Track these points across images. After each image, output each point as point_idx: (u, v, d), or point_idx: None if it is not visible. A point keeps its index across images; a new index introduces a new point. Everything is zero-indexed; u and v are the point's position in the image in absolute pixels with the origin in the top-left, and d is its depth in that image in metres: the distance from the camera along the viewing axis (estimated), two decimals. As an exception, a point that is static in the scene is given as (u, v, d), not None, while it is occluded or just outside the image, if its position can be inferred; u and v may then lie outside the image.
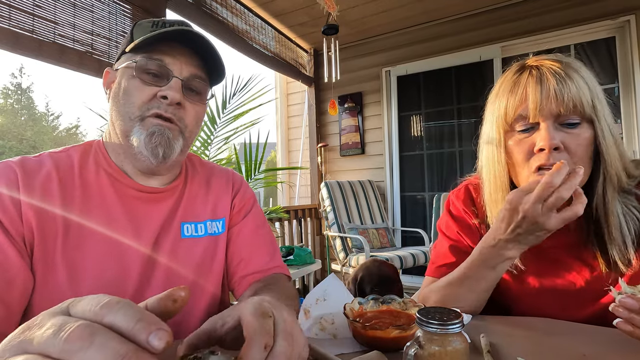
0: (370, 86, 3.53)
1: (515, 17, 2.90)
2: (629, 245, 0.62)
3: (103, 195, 0.62)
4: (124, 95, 0.61)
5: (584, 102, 0.59)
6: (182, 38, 0.62)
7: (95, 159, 0.65)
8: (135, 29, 0.65)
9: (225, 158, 2.67)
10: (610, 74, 2.68)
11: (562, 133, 0.60)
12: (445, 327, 0.38)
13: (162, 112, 0.61)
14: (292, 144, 4.12)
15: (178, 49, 0.63)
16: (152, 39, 0.60)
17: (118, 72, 0.64)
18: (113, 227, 0.60)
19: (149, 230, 0.64)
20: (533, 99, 0.60)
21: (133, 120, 0.60)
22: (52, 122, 21.07)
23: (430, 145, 3.33)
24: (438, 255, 0.79)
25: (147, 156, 0.60)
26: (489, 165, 0.70)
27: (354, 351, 0.52)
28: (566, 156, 0.60)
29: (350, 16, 3.05)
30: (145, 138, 0.60)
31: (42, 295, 0.54)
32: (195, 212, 0.70)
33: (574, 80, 0.59)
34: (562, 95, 0.58)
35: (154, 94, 0.61)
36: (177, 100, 0.61)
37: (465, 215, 0.78)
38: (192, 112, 0.65)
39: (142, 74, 0.61)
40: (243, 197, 0.78)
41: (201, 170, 0.77)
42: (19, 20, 1.49)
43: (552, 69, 0.61)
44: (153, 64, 0.61)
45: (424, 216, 3.35)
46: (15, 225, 0.53)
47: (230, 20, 2.66)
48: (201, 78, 0.65)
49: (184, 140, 0.64)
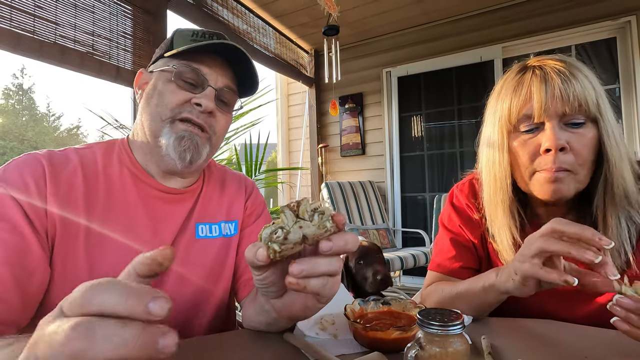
0: (371, 87, 3.53)
1: (516, 18, 2.90)
2: (627, 246, 0.61)
3: (126, 194, 0.63)
4: (158, 96, 0.63)
5: (589, 101, 0.58)
6: (221, 49, 0.65)
7: (119, 157, 0.66)
8: (176, 36, 0.67)
9: (226, 158, 2.67)
10: (611, 74, 2.67)
11: (567, 133, 0.59)
12: (446, 328, 0.38)
13: (194, 117, 0.63)
14: (292, 144, 4.12)
15: (215, 60, 0.65)
16: (194, 49, 0.62)
17: (153, 75, 0.66)
18: (134, 226, 0.61)
19: (168, 230, 0.65)
20: (538, 99, 0.59)
21: (164, 121, 0.62)
22: (54, 122, 21.11)
23: (431, 146, 3.33)
24: (440, 250, 0.79)
25: (174, 159, 0.62)
26: (489, 167, 0.70)
27: (355, 352, 0.52)
28: (571, 158, 0.59)
29: (351, 17, 3.06)
30: (174, 141, 0.61)
31: (61, 289, 0.55)
32: (210, 213, 0.72)
33: (579, 79, 0.58)
34: (568, 94, 0.57)
35: (188, 100, 0.63)
36: (210, 108, 0.63)
37: (467, 209, 0.78)
38: (222, 120, 0.68)
39: (179, 80, 0.63)
40: (255, 201, 0.80)
41: (216, 172, 0.78)
42: (20, 21, 1.49)
43: (556, 68, 0.60)
44: (191, 72, 0.63)
45: (425, 217, 3.35)
46: (40, 217, 0.54)
47: (231, 21, 2.66)
48: (233, 90, 0.68)
49: (210, 147, 0.66)
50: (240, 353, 0.52)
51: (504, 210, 0.68)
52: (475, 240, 0.76)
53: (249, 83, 0.71)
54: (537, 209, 0.71)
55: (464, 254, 0.76)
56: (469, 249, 0.76)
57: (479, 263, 0.77)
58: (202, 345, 0.56)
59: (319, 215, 0.36)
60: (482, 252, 0.76)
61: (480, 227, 0.75)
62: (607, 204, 0.61)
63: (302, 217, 0.37)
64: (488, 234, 0.74)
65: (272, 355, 0.51)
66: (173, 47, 0.65)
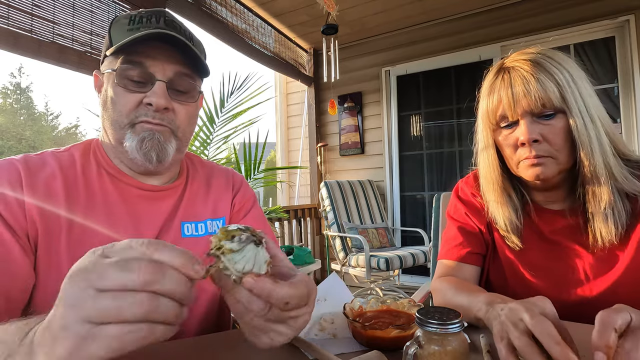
0: (370, 86, 3.53)
1: (514, 17, 2.90)
2: (623, 217, 0.65)
3: (105, 194, 0.62)
4: (111, 104, 0.60)
5: (552, 97, 0.64)
6: (162, 35, 0.59)
7: (95, 158, 0.65)
8: (113, 27, 0.62)
9: (225, 157, 2.67)
10: (609, 73, 2.68)
11: (540, 125, 0.66)
12: (444, 326, 0.38)
13: (150, 119, 0.60)
14: (291, 143, 4.12)
15: (158, 47, 0.60)
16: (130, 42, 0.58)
17: (104, 77, 0.63)
18: (115, 226, 0.61)
19: (150, 228, 0.64)
20: (506, 102, 0.68)
21: (124, 128, 0.60)
22: (52, 121, 21.04)
23: (430, 145, 3.33)
24: (447, 238, 0.83)
25: (141, 160, 0.61)
26: (481, 158, 0.78)
27: (354, 351, 0.52)
28: (546, 146, 0.66)
29: (349, 16, 3.05)
30: (136, 144, 0.60)
31: (46, 291, 0.55)
32: (196, 211, 0.70)
33: (539, 79, 0.65)
34: (530, 94, 0.65)
35: (140, 101, 0.60)
36: (162, 106, 0.60)
37: (473, 199, 0.83)
38: (182, 112, 0.64)
39: (124, 81, 0.59)
40: (243, 197, 0.78)
41: (201, 170, 0.77)
42: (18, 20, 1.49)
43: (522, 71, 0.67)
44: (134, 69, 0.59)
45: (424, 216, 3.36)
46: (19, 221, 0.53)
47: (230, 19, 2.66)
48: (187, 75, 0.63)
49: (177, 141, 0.64)
50: (240, 353, 0.52)
51: (496, 194, 0.75)
52: (482, 226, 0.80)
53: (201, 65, 0.64)
54: (536, 196, 0.76)
55: (471, 240, 0.80)
56: (476, 235, 0.80)
57: (486, 248, 0.81)
58: (201, 345, 0.56)
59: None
60: (489, 237, 0.80)
61: (485, 215, 0.80)
62: (589, 182, 0.66)
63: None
64: (493, 221, 0.78)
65: (271, 354, 0.51)
66: (112, 42, 0.60)
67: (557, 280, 0.71)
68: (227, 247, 0.35)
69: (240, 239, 0.36)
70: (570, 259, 0.71)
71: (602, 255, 0.68)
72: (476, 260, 0.79)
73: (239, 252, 0.35)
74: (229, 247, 0.35)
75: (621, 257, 0.67)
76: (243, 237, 0.36)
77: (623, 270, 0.66)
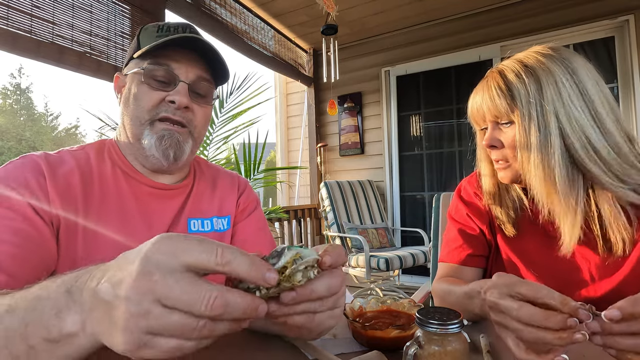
0: (370, 86, 3.53)
1: (514, 17, 2.90)
2: (620, 225, 0.63)
3: (119, 191, 0.65)
4: (134, 100, 0.64)
5: (500, 110, 0.68)
6: (188, 42, 0.65)
7: (110, 157, 0.68)
8: (142, 34, 0.68)
9: (225, 158, 2.67)
10: (609, 73, 2.68)
11: (500, 132, 0.70)
12: (444, 327, 0.38)
13: (171, 115, 0.64)
14: (291, 144, 4.12)
15: (183, 53, 0.65)
16: (161, 45, 0.63)
17: (127, 78, 0.67)
18: (128, 222, 0.63)
19: (160, 225, 0.67)
20: (470, 112, 0.76)
21: (143, 124, 0.64)
22: (51, 122, 21.05)
23: (430, 145, 3.34)
24: (448, 240, 0.83)
25: (158, 158, 0.64)
26: (478, 159, 0.81)
27: (354, 351, 0.52)
28: (504, 152, 0.70)
29: (349, 16, 3.05)
30: (155, 141, 0.63)
31: None
32: (202, 208, 0.73)
33: (494, 92, 0.68)
34: (482, 109, 0.71)
35: (162, 98, 0.64)
36: (184, 104, 0.64)
37: (475, 199, 0.82)
38: (200, 113, 0.68)
39: (150, 80, 0.64)
40: (247, 198, 0.81)
41: (207, 171, 0.80)
42: (18, 20, 1.49)
43: (489, 80, 0.70)
44: (160, 70, 0.64)
45: (424, 216, 3.36)
46: (45, 210, 0.56)
47: (230, 20, 2.66)
48: (206, 80, 0.68)
49: (193, 142, 0.68)
50: (239, 352, 0.52)
51: (493, 191, 0.78)
52: (484, 226, 0.80)
53: (221, 71, 0.70)
54: None
55: (472, 243, 0.79)
56: (477, 237, 0.80)
57: (488, 249, 0.80)
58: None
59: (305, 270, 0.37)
60: (491, 238, 0.80)
61: (487, 215, 0.80)
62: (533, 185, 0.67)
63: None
64: (496, 220, 0.78)
65: (270, 354, 0.51)
66: (140, 47, 0.65)
67: (560, 281, 0.70)
68: (295, 279, 0.37)
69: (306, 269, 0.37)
70: (575, 259, 0.70)
71: (608, 257, 0.67)
72: (477, 263, 0.79)
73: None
74: (298, 279, 0.36)
75: (628, 259, 0.66)
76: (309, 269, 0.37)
77: (629, 272, 0.65)
